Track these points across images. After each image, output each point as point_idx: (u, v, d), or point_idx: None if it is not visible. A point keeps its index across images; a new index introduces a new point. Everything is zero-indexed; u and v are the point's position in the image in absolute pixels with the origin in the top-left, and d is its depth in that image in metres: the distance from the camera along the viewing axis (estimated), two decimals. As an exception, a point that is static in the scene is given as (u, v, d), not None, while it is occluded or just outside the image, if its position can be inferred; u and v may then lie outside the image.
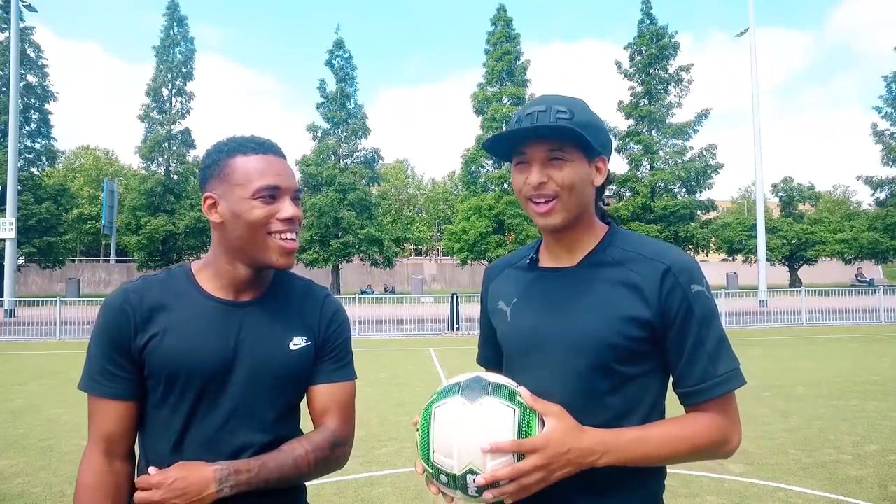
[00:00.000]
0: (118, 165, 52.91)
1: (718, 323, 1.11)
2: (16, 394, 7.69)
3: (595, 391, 1.10)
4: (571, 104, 1.14)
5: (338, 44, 33.63)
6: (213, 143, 1.26)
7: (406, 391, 7.52)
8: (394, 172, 55.49)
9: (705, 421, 1.09)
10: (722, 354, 1.09)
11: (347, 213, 31.20)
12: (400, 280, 40.05)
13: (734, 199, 63.81)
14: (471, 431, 1.00)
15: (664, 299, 1.08)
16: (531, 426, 1.02)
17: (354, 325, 15.58)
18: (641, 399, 1.11)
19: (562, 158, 1.11)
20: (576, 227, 1.17)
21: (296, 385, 1.26)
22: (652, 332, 1.09)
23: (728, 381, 1.09)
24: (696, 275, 1.10)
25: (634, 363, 1.10)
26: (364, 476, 4.44)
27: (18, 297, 19.53)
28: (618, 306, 1.09)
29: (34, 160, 31.66)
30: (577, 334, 1.11)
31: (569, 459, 1.02)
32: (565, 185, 1.11)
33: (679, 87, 31.95)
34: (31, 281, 36.44)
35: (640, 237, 1.18)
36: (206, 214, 1.22)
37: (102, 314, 1.20)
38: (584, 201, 1.15)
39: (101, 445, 1.18)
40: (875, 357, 10.14)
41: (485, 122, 32.59)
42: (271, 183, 1.17)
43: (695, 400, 1.09)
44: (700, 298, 1.09)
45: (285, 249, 1.19)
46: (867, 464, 4.52)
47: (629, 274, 1.11)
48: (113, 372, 1.17)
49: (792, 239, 31.88)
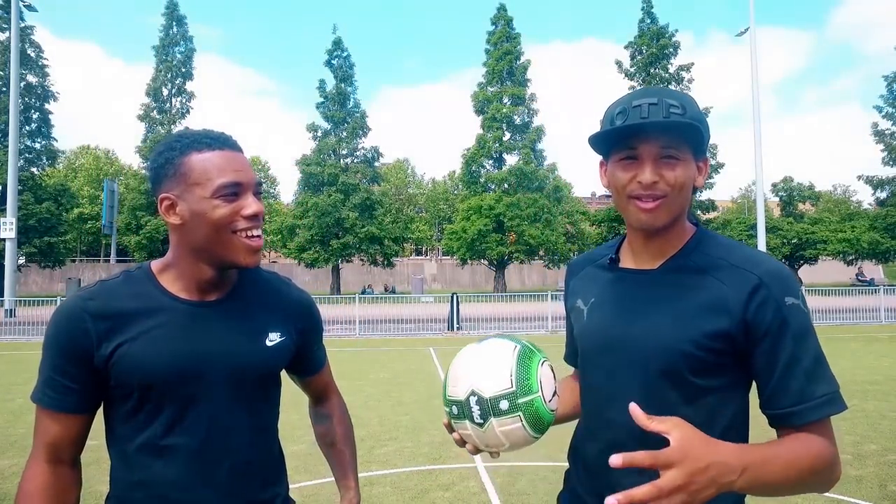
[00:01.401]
0: (118, 165, 52.88)
1: (815, 340, 1.03)
2: (16, 393, 7.69)
3: (666, 400, 1.04)
4: (682, 98, 1.07)
5: (337, 43, 33.68)
6: (162, 140, 1.19)
7: (406, 391, 7.54)
8: (394, 172, 55.50)
9: (818, 444, 0.98)
10: (821, 374, 1.01)
11: (350, 214, 31.21)
12: (400, 280, 40.05)
13: (734, 199, 63.80)
14: (473, 361, 1.09)
15: (753, 313, 1.00)
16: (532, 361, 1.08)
17: (354, 325, 15.61)
18: (719, 414, 1.04)
19: (675, 157, 1.05)
20: (669, 229, 1.11)
21: (275, 380, 1.26)
22: (733, 345, 1.02)
23: (828, 403, 0.99)
24: (792, 287, 1.02)
25: (711, 375, 1.03)
26: (364, 476, 4.44)
27: (19, 297, 19.53)
28: (696, 315, 1.03)
29: (34, 160, 31.71)
30: (650, 340, 1.06)
31: (710, 477, 0.85)
32: (676, 184, 1.05)
33: (679, 87, 31.92)
34: (31, 281, 36.46)
35: (729, 242, 1.11)
36: (164, 216, 1.16)
37: (55, 323, 1.12)
38: (686, 202, 1.10)
39: (45, 452, 1.13)
40: (875, 357, 10.18)
41: (485, 121, 32.60)
42: (232, 180, 1.12)
43: (791, 422, 0.99)
44: (795, 312, 1.01)
45: (251, 248, 1.15)
46: (867, 463, 4.51)
47: (713, 282, 1.04)
48: (63, 384, 1.11)
49: (792, 238, 31.87)
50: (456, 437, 1.12)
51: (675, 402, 1.03)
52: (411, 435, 5.54)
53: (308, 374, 1.41)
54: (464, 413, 1.07)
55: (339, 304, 18.60)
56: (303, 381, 1.43)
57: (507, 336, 1.14)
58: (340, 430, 1.45)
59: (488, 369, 1.06)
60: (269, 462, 1.25)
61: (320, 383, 1.45)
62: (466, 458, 4.59)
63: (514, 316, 16.93)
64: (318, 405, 1.48)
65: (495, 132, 32.17)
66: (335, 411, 1.47)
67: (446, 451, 4.99)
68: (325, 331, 4.63)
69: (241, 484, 1.18)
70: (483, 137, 32.55)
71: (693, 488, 0.84)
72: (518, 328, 16.28)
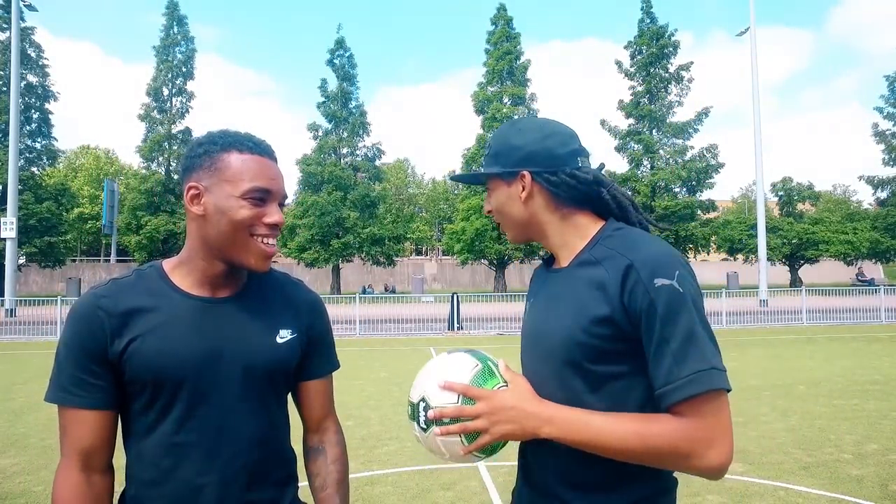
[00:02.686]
0: (119, 165, 52.93)
1: (690, 318, 1.01)
2: (17, 393, 7.70)
3: (571, 389, 1.09)
4: (495, 137, 1.24)
5: (339, 43, 33.66)
6: (202, 136, 1.21)
7: (406, 390, 7.55)
8: (394, 172, 55.49)
9: (670, 424, 1.00)
10: (690, 353, 0.99)
11: (351, 213, 31.21)
12: (400, 279, 40.06)
13: (735, 199, 63.80)
14: (435, 370, 1.15)
15: (628, 297, 1.03)
16: (488, 382, 1.12)
17: (355, 325, 15.62)
18: (625, 400, 1.07)
19: (488, 191, 1.26)
20: (544, 236, 1.22)
21: (286, 378, 1.27)
22: (618, 330, 1.05)
23: (692, 383, 0.98)
24: (664, 268, 1.03)
25: (608, 362, 1.07)
26: (365, 475, 4.44)
27: (19, 297, 19.55)
28: (585, 304, 1.08)
29: (35, 160, 31.73)
30: (555, 332, 1.13)
31: (511, 416, 1.07)
32: (494, 211, 1.25)
33: (679, 87, 31.98)
34: (31, 280, 36.48)
35: (634, 234, 1.14)
36: (187, 204, 1.17)
37: (72, 321, 1.14)
38: (518, 217, 1.21)
39: (77, 460, 1.12)
40: (876, 356, 10.14)
41: (485, 121, 32.60)
42: (264, 185, 1.15)
43: (663, 404, 1.01)
44: (664, 293, 1.01)
45: (266, 253, 1.17)
46: (868, 463, 4.52)
47: (600, 271, 1.09)
48: (88, 381, 1.11)
49: (792, 238, 31.87)
50: None
51: (581, 390, 1.08)
52: (412, 434, 5.53)
53: (311, 376, 1.33)
54: (414, 415, 1.14)
55: (339, 303, 18.60)
56: (304, 392, 1.33)
57: (477, 354, 1.17)
58: (336, 473, 1.31)
59: (441, 380, 1.12)
60: (280, 461, 1.25)
61: (321, 399, 1.34)
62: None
63: (514, 316, 16.92)
64: (314, 434, 1.35)
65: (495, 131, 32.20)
66: (333, 448, 1.33)
67: (447, 450, 4.99)
68: (327, 330, 4.47)
69: (253, 482, 1.18)
70: (483, 137, 32.55)
71: (493, 419, 1.07)
72: (518, 328, 16.24)
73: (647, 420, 1.03)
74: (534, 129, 1.21)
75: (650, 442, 1.00)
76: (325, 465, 1.32)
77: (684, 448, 0.99)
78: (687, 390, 0.98)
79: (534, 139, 1.19)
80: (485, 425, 1.07)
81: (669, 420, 1.01)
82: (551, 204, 1.19)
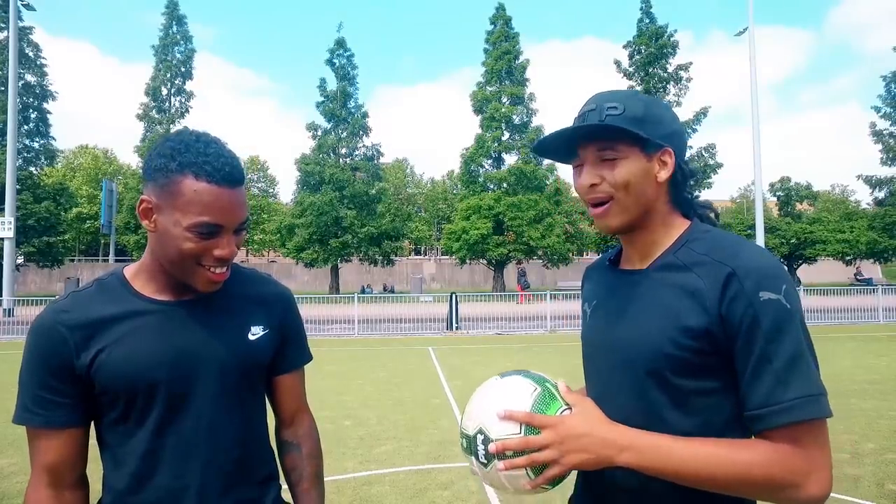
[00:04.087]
0: (117, 165, 52.82)
1: (797, 338, 0.93)
2: (13, 393, 7.65)
3: (652, 403, 1.01)
4: (625, 98, 1.06)
5: (339, 42, 33.59)
6: (167, 141, 1.12)
7: (405, 390, 7.54)
8: (393, 172, 55.46)
9: (766, 452, 0.91)
10: (796, 376, 0.92)
11: (348, 213, 31.17)
12: (399, 279, 40.05)
13: (734, 199, 63.84)
14: (490, 398, 1.06)
15: (726, 307, 0.95)
16: (550, 408, 1.03)
17: (353, 325, 15.61)
18: (711, 420, 0.98)
19: (614, 157, 1.05)
20: (645, 228, 1.09)
21: (261, 374, 1.26)
22: (713, 343, 0.96)
23: (797, 408, 0.90)
24: (769, 280, 0.94)
25: (695, 377, 0.98)
26: (363, 475, 4.44)
27: (17, 297, 19.50)
28: (676, 313, 0.99)
29: (33, 159, 31.64)
30: (635, 340, 1.04)
31: (583, 445, 0.97)
32: (619, 184, 1.05)
33: (678, 86, 31.97)
34: (29, 280, 36.42)
35: (723, 237, 1.04)
36: (140, 216, 1.12)
37: (33, 339, 1.11)
38: (645, 200, 1.07)
39: (46, 477, 1.10)
40: (873, 356, 10.17)
41: (484, 121, 32.57)
42: (213, 221, 1.07)
43: (757, 427, 0.94)
44: (770, 307, 0.93)
45: (212, 280, 1.13)
46: (865, 462, 4.53)
47: (693, 279, 1.00)
48: (52, 399, 1.09)
49: (791, 238, 31.90)
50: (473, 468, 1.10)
51: (663, 404, 1.00)
52: (410, 434, 5.54)
53: (285, 370, 1.31)
54: (471, 449, 1.05)
55: (338, 303, 18.59)
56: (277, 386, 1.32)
57: (532, 375, 1.09)
58: (311, 467, 1.31)
59: (501, 409, 1.02)
60: (261, 460, 1.25)
61: (294, 392, 1.34)
62: (465, 457, 4.59)
63: (513, 315, 16.93)
64: (287, 428, 1.35)
65: (494, 132, 32.16)
66: (306, 441, 1.34)
67: (445, 450, 4.99)
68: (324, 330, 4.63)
69: (233, 482, 1.17)
70: (482, 137, 32.54)
71: (563, 448, 0.97)
72: (516, 328, 16.28)
73: (737, 447, 0.93)
74: (669, 107, 1.10)
75: (742, 471, 0.91)
76: (300, 460, 1.32)
77: (781, 479, 0.90)
78: (790, 416, 0.91)
79: (674, 118, 1.09)
80: (554, 456, 0.98)
81: (764, 447, 0.92)
82: (669, 194, 1.10)
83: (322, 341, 13.35)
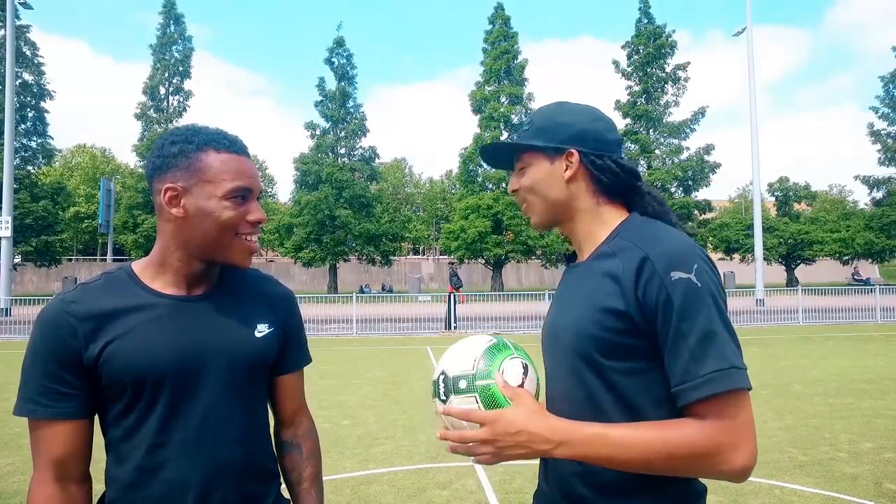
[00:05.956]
0: (115, 164, 52.74)
1: (709, 314, 0.97)
2: (11, 392, 7.64)
3: (587, 385, 1.06)
4: (539, 113, 1.20)
5: (338, 42, 33.55)
6: (171, 134, 1.17)
7: (403, 390, 7.56)
8: (391, 171, 55.45)
9: (692, 428, 0.95)
10: (709, 351, 0.95)
11: (344, 212, 31.16)
12: (397, 279, 40.04)
13: (732, 199, 63.91)
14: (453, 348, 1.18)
15: (642, 290, 0.99)
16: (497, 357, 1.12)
17: (352, 324, 15.60)
18: (641, 399, 1.02)
19: (522, 167, 1.19)
20: (572, 222, 1.18)
21: (266, 372, 1.27)
22: (632, 324, 1.01)
23: (711, 381, 0.94)
24: (680, 260, 0.99)
25: (621, 358, 1.02)
26: (361, 474, 4.44)
27: (14, 296, 19.44)
28: (600, 296, 1.05)
29: (30, 158, 31.53)
30: (567, 325, 1.11)
31: (519, 441, 1.01)
32: (527, 188, 1.18)
33: (676, 86, 32.02)
34: (27, 280, 36.34)
35: (654, 227, 1.09)
36: (164, 206, 1.13)
37: (41, 329, 1.09)
38: (554, 198, 1.16)
39: (51, 472, 1.09)
40: (871, 356, 10.18)
41: (483, 120, 32.56)
42: (245, 185, 1.14)
43: (680, 403, 0.97)
44: (680, 286, 0.97)
45: (250, 249, 1.18)
46: (863, 461, 4.54)
47: (615, 263, 1.05)
48: (58, 390, 1.08)
49: (789, 238, 31.96)
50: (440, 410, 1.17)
51: (596, 386, 1.05)
52: (409, 433, 5.54)
53: (287, 370, 1.33)
54: (435, 391, 1.15)
55: (336, 303, 18.56)
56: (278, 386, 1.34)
57: (496, 336, 1.19)
58: (311, 468, 1.33)
59: (459, 354, 1.15)
60: (264, 457, 1.25)
61: (295, 392, 1.35)
62: (464, 457, 4.59)
63: (511, 315, 16.94)
64: (287, 428, 1.36)
65: (493, 131, 32.15)
66: (306, 442, 1.35)
67: (444, 449, 4.97)
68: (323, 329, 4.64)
69: (239, 478, 1.17)
70: (481, 136, 32.54)
71: (499, 444, 1.02)
72: (515, 327, 16.28)
73: (666, 428, 0.97)
74: (583, 110, 1.18)
75: (673, 451, 0.95)
76: (300, 460, 1.33)
77: (707, 452, 0.94)
78: (705, 389, 0.94)
79: (584, 119, 1.16)
80: (491, 451, 1.03)
81: (690, 424, 0.96)
82: (591, 189, 1.16)
83: (320, 341, 13.34)
